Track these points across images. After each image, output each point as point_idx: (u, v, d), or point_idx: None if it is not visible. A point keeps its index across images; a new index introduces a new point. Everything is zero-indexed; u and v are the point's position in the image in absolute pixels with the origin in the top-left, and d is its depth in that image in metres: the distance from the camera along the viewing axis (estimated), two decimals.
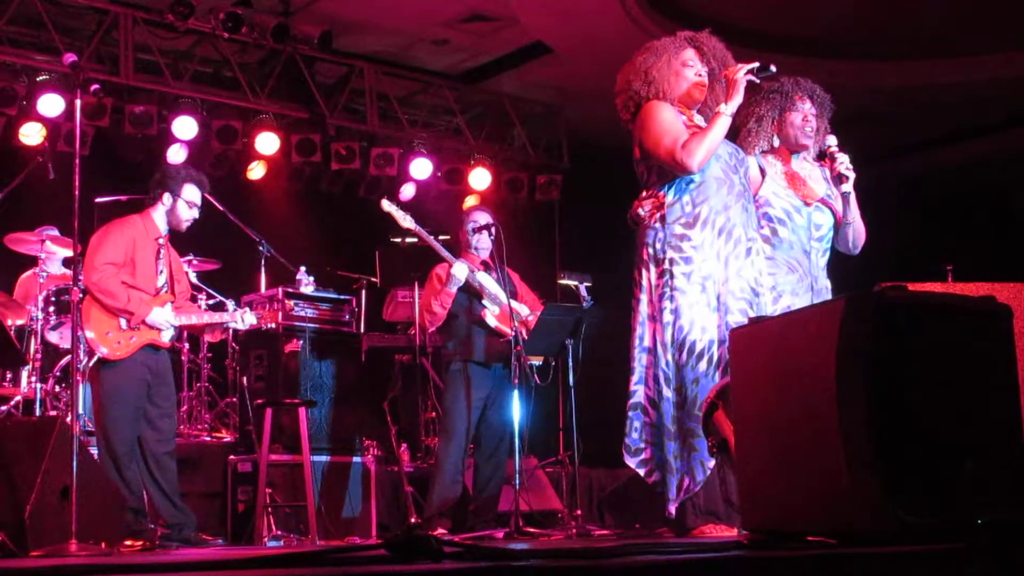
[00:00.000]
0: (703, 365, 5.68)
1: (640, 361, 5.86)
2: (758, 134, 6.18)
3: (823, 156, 6.30)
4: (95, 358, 6.85)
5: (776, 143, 6.21)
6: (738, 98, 5.76)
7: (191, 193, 7.17)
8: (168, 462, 7.00)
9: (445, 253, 7.82)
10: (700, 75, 5.93)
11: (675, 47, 5.94)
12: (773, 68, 5.81)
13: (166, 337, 7.04)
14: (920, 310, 3.96)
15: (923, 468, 3.76)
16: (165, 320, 6.96)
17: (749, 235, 5.85)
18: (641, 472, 5.82)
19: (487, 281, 7.88)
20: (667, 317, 5.74)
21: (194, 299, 8.17)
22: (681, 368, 5.71)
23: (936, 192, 12.83)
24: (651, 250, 5.83)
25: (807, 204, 6.08)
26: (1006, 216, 12.47)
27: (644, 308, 5.86)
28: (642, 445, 5.83)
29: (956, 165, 13.12)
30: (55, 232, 8.41)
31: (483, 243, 7.95)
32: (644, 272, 5.86)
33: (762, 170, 6.10)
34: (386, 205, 7.91)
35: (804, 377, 3.92)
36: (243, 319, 7.44)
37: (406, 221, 7.83)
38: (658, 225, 5.82)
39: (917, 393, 3.81)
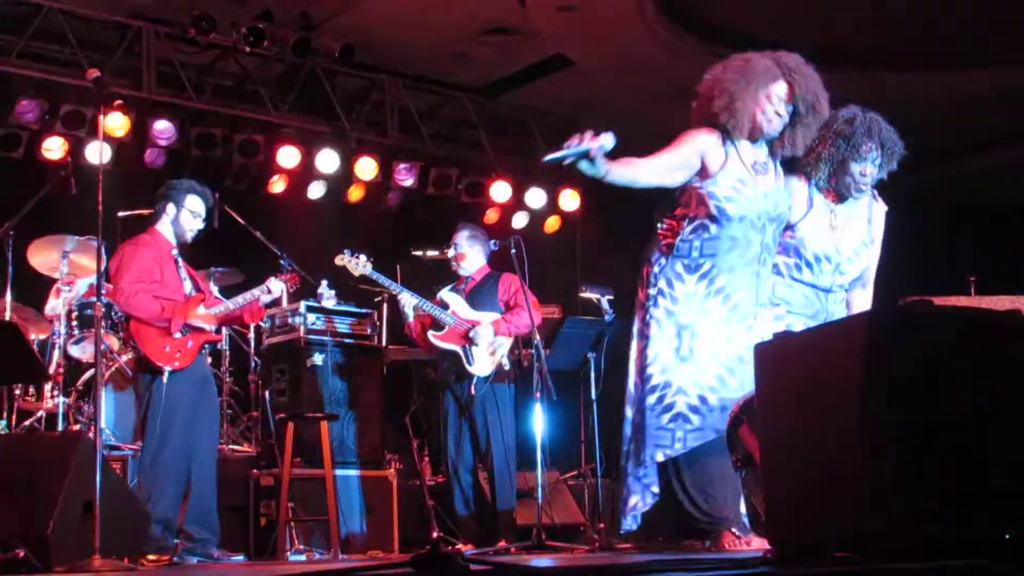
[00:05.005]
0: (652, 399, 5.76)
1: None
2: (815, 172, 5.94)
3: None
4: (164, 374, 6.84)
5: (828, 183, 5.97)
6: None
7: (193, 203, 7.22)
8: (211, 473, 7.04)
9: (393, 288, 8.00)
10: (780, 115, 5.71)
11: (768, 77, 5.67)
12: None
13: (214, 330, 7.17)
14: (946, 324, 3.93)
15: (950, 482, 3.73)
16: (202, 316, 7.02)
17: (759, 300, 5.83)
18: None
19: (453, 301, 8.04)
20: (639, 341, 5.90)
21: None
22: (635, 392, 5.89)
23: (959, 203, 12.78)
24: (652, 269, 5.86)
25: (841, 253, 6.00)
26: None
27: (636, 323, 5.96)
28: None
29: (979, 175, 13.07)
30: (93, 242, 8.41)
31: (460, 263, 8.21)
32: (640, 289, 5.94)
33: (811, 199, 5.98)
34: (339, 260, 7.94)
35: (830, 392, 3.90)
36: (270, 288, 7.46)
37: (358, 269, 7.89)
38: (665, 252, 5.84)
39: (943, 407, 3.79)
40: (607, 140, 5.38)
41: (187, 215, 7.18)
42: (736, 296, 5.76)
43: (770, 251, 5.85)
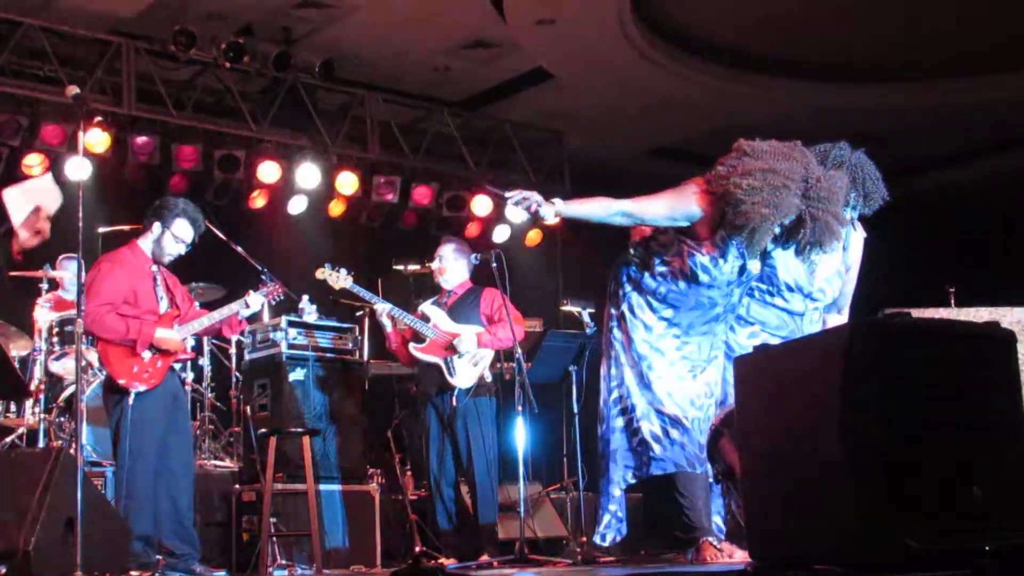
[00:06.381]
0: (621, 421, 5.92)
1: None
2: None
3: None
4: (131, 394, 6.70)
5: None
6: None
7: (181, 228, 7.03)
8: (187, 488, 6.98)
9: (374, 301, 8.01)
10: (772, 232, 5.57)
11: (790, 211, 5.48)
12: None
13: (188, 345, 7.08)
14: (925, 337, 3.96)
15: (930, 494, 3.75)
16: (170, 337, 6.87)
17: (710, 355, 5.92)
18: None
19: (434, 314, 8.02)
20: (605, 360, 6.06)
21: None
22: (603, 408, 6.05)
23: (939, 215, 12.81)
24: (619, 290, 5.94)
25: (813, 283, 6.02)
26: (1010, 240, 12.44)
27: (603, 337, 6.12)
28: None
29: (959, 187, 13.11)
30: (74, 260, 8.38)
31: (443, 276, 8.17)
32: (607, 302, 6.02)
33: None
34: (319, 273, 7.98)
35: (810, 404, 3.92)
36: (249, 303, 7.32)
37: (338, 282, 7.94)
38: (632, 278, 5.89)
39: (923, 419, 3.80)
40: (548, 212, 5.59)
41: (170, 238, 7.01)
42: (689, 347, 5.90)
43: (733, 310, 5.95)
